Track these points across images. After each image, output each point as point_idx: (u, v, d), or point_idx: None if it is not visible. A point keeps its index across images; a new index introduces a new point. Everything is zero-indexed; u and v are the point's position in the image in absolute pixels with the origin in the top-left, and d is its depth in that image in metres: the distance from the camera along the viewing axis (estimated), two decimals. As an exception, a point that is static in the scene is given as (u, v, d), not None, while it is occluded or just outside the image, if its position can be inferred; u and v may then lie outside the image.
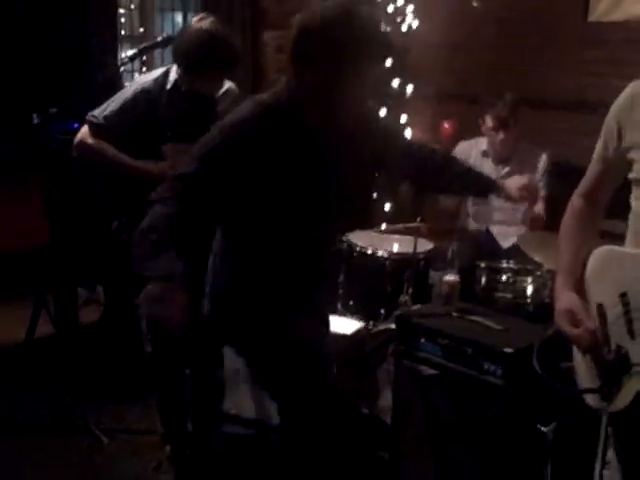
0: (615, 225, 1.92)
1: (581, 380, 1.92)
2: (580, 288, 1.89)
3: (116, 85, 4.52)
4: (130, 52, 3.06)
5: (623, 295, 1.73)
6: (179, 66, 2.89)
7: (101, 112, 2.91)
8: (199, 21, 2.83)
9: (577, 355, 1.92)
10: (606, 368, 1.78)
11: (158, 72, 3.00)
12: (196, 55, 2.77)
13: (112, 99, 2.93)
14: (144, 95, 2.90)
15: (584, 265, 1.89)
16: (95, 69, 4.29)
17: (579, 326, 1.82)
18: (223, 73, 2.89)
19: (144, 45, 3.10)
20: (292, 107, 2.02)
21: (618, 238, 1.86)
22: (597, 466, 2.04)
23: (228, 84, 3.05)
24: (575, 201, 1.97)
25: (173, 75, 2.92)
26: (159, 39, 3.09)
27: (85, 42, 4.23)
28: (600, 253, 1.84)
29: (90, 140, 2.91)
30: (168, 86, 2.92)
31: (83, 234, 3.75)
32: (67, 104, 3.11)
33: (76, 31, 4.22)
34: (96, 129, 2.89)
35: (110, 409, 3.33)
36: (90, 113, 2.94)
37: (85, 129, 2.93)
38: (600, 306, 1.81)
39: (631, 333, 1.70)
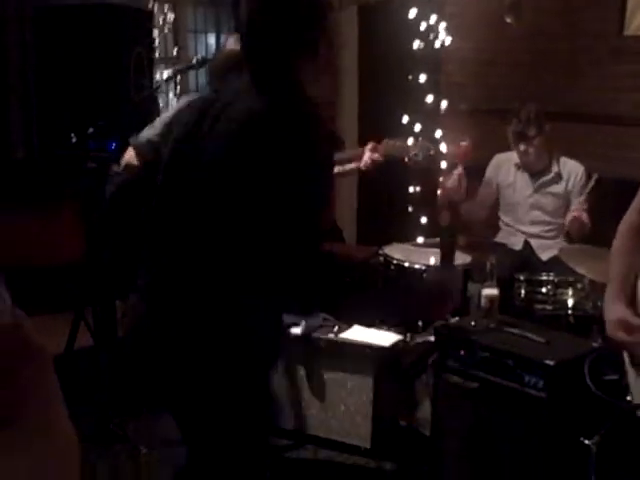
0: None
1: (635, 395, 1.89)
2: (631, 303, 1.88)
3: (152, 106, 4.61)
4: (165, 74, 3.11)
5: None
6: (212, 87, 2.93)
7: (145, 134, 2.95)
8: (237, 43, 2.87)
9: (631, 371, 1.89)
10: None
11: (198, 94, 3.05)
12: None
13: (156, 122, 2.97)
14: None
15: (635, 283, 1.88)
16: (131, 90, 4.36)
17: (633, 334, 1.80)
18: None
19: (179, 67, 3.16)
20: None
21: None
22: (643, 480, 2.01)
23: None
24: (629, 215, 1.95)
25: None
26: (193, 61, 3.14)
27: (122, 64, 4.30)
28: None
29: (136, 162, 2.95)
30: None
31: (119, 248, 3.80)
32: (104, 124, 3.16)
33: (114, 53, 4.29)
34: (140, 151, 2.93)
35: (148, 419, 3.34)
36: (134, 136, 2.98)
37: (130, 152, 2.97)
38: None
39: None
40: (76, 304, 3.50)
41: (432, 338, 2.80)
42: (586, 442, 2.41)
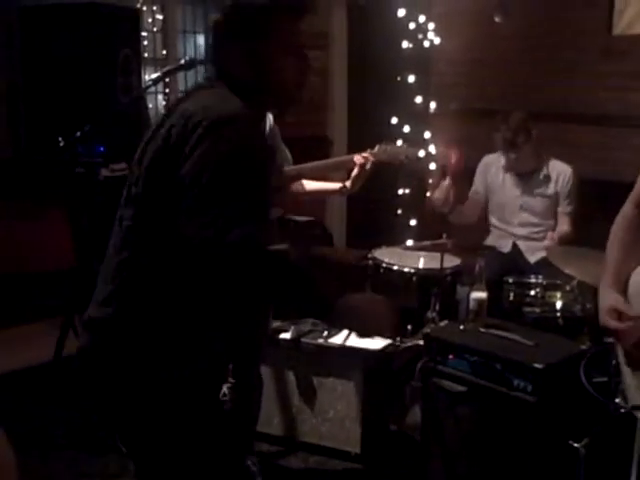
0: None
1: (632, 397, 1.89)
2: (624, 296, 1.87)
3: (140, 108, 4.59)
4: (154, 75, 3.08)
5: None
6: None
7: None
8: None
9: (626, 371, 1.89)
10: None
11: None
12: None
13: None
14: None
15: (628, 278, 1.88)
16: (119, 92, 4.34)
17: (624, 319, 1.80)
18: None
19: (167, 68, 3.10)
20: None
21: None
22: (632, 482, 2.01)
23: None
24: (626, 208, 1.95)
25: None
26: (182, 62, 3.09)
27: (110, 66, 4.28)
28: None
29: None
30: None
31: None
32: (92, 128, 3.14)
33: (101, 55, 4.27)
34: None
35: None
36: None
37: None
38: None
39: None
40: (65, 310, 3.49)
41: (421, 342, 2.79)
42: (575, 445, 2.41)
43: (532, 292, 3.09)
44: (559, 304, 3.02)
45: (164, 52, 5.43)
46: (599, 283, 1.96)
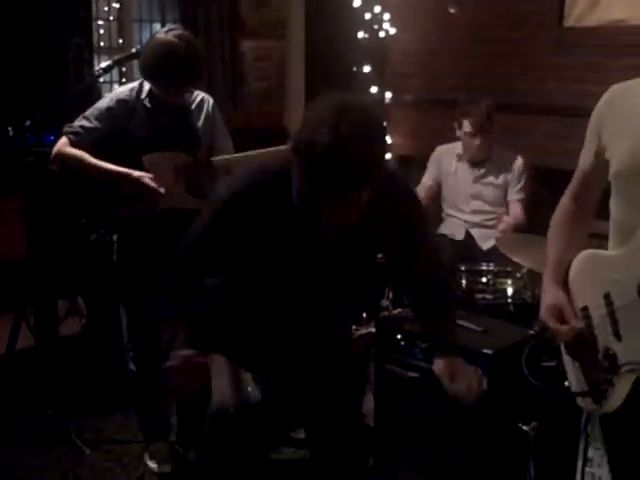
0: (604, 226, 1.92)
1: (571, 382, 1.92)
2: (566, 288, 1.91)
3: (93, 97, 4.52)
4: (105, 64, 3.05)
5: (607, 296, 1.74)
6: (142, 77, 2.90)
7: (78, 122, 2.90)
8: (165, 33, 2.83)
9: (566, 357, 1.92)
10: (596, 370, 1.78)
11: (135, 82, 3.01)
12: (153, 66, 2.78)
13: (89, 110, 2.93)
14: (120, 105, 2.90)
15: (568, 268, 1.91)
16: (71, 81, 4.27)
17: (564, 322, 1.83)
18: (183, 85, 2.87)
19: (119, 56, 3.09)
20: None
21: (606, 240, 1.86)
22: (579, 463, 2.05)
23: (201, 95, 3.03)
24: (564, 201, 1.98)
25: (147, 85, 2.92)
26: (134, 50, 3.08)
27: (60, 54, 4.21)
28: (582, 256, 1.86)
29: (68, 149, 2.89)
30: (143, 95, 2.92)
31: (61, 246, 3.73)
32: (42, 117, 3.09)
33: (51, 43, 4.20)
34: (74, 139, 2.88)
35: (92, 420, 3.32)
36: (67, 125, 2.93)
37: (63, 140, 2.91)
38: (585, 309, 1.82)
39: (617, 334, 1.71)
40: (17, 303, 3.43)
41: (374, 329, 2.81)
42: (524, 428, 2.46)
43: (484, 279, 3.12)
44: (510, 291, 3.06)
45: (120, 41, 5.36)
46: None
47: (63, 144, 2.90)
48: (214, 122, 3.02)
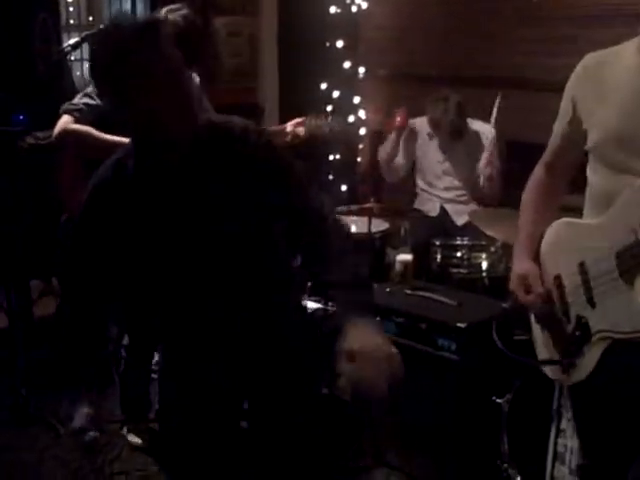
0: (579, 199, 1.93)
1: (540, 352, 1.94)
2: (535, 260, 1.91)
3: (63, 75, 4.44)
4: (73, 40, 2.99)
5: (581, 265, 1.74)
6: None
7: (80, 99, 2.85)
8: (167, 12, 2.82)
9: (536, 328, 1.94)
10: (566, 339, 1.79)
11: None
12: None
13: (90, 88, 2.87)
14: None
15: (541, 239, 1.91)
16: (37, 59, 4.19)
17: (531, 292, 1.84)
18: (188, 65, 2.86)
19: (86, 33, 3.03)
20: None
21: (581, 212, 1.86)
22: (552, 435, 2.08)
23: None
24: (537, 172, 1.97)
25: None
26: (102, 27, 3.03)
27: (27, 32, 4.11)
28: (556, 225, 1.86)
29: (75, 125, 2.82)
30: None
31: (33, 226, 3.69)
32: (8, 95, 3.03)
33: (17, 21, 4.10)
34: (78, 115, 2.81)
35: (67, 400, 3.29)
36: (68, 102, 2.87)
37: (65, 118, 2.84)
38: (557, 277, 1.83)
39: (591, 302, 1.72)
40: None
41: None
42: (497, 401, 2.49)
43: (458, 254, 3.15)
44: (484, 265, 3.09)
45: (90, 18, 5.27)
46: None
47: (67, 121, 2.83)
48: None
